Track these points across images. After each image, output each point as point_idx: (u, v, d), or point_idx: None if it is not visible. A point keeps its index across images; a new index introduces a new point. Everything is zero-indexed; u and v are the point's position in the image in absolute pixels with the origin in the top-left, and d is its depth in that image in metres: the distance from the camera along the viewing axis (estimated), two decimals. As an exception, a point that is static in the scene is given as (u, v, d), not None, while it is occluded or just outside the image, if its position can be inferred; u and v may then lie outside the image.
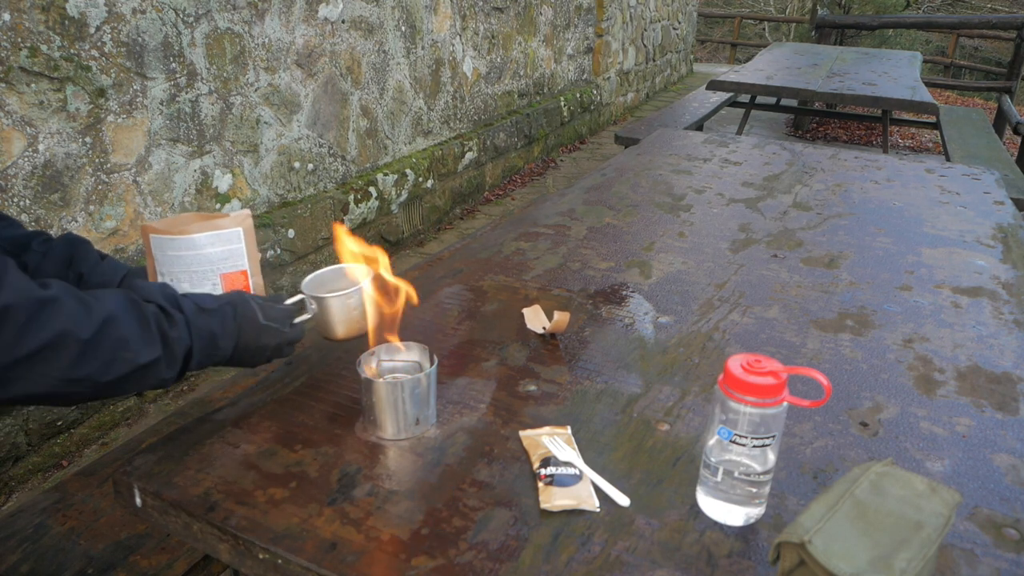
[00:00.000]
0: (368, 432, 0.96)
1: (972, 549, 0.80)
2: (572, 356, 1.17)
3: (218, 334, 0.89)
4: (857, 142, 7.03)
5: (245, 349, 0.92)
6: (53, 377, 0.74)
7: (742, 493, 0.81)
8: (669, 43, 8.65)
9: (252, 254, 1.05)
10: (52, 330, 0.73)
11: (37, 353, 0.72)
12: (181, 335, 0.85)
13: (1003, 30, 9.38)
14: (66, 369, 0.75)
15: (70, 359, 0.75)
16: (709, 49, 16.83)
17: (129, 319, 0.80)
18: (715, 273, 1.50)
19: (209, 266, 1.02)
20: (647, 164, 2.32)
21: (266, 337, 0.94)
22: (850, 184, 2.16)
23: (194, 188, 2.71)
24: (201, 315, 0.88)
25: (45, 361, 0.73)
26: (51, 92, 2.14)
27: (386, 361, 1.01)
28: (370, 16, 3.50)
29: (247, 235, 1.03)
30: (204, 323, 0.88)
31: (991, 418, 1.04)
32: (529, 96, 5.34)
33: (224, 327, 0.90)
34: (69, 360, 0.75)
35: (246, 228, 1.03)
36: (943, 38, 13.65)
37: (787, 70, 5.22)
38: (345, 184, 3.52)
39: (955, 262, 1.60)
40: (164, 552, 1.22)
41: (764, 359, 0.79)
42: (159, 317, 0.83)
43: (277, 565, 0.78)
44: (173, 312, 0.85)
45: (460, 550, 0.77)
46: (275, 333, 0.94)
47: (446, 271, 1.49)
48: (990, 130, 5.06)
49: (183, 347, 0.85)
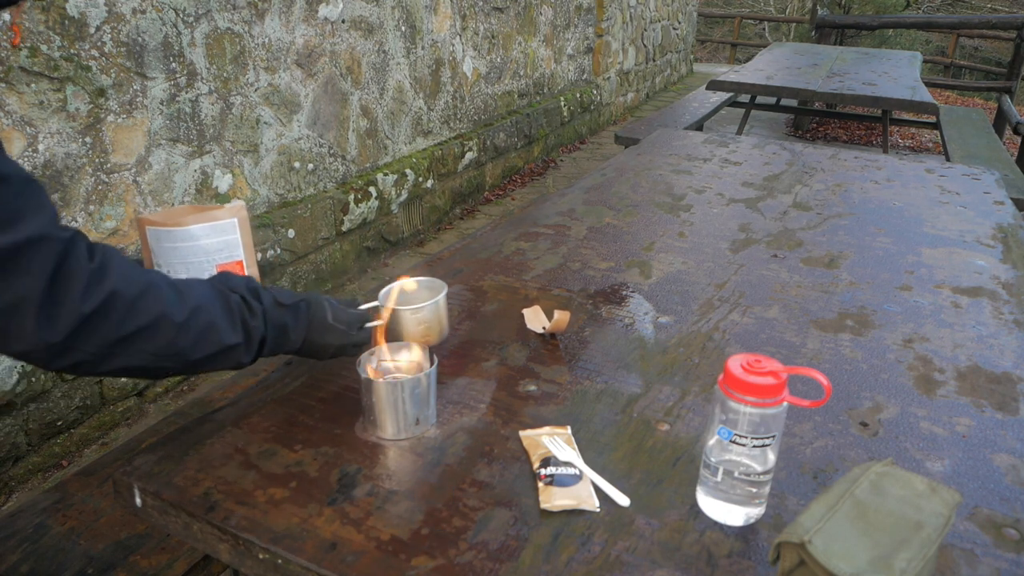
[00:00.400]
0: (368, 432, 0.97)
1: (972, 549, 0.80)
2: (572, 356, 1.17)
3: (290, 327, 0.96)
4: (857, 142, 7.03)
5: (311, 344, 0.99)
6: (149, 353, 0.83)
7: (742, 493, 0.81)
8: (669, 43, 8.65)
9: (248, 245, 1.06)
10: (151, 314, 0.82)
11: (137, 333, 0.81)
12: (259, 324, 0.93)
13: (1003, 30, 9.38)
14: (162, 347, 0.84)
15: (166, 339, 0.83)
16: (709, 49, 16.83)
17: (216, 307, 0.88)
18: (715, 273, 1.50)
19: (205, 257, 1.03)
20: (647, 164, 2.32)
21: (331, 336, 1.00)
22: (850, 184, 2.16)
23: (194, 188, 2.71)
24: (277, 308, 0.95)
25: (144, 340, 0.82)
26: (51, 92, 2.14)
27: (386, 361, 1.01)
28: (370, 16, 3.50)
29: (242, 226, 1.05)
30: (279, 316, 0.95)
31: (991, 418, 1.04)
32: (529, 96, 5.34)
33: (296, 321, 0.97)
34: (165, 340, 0.83)
35: (241, 219, 1.04)
36: (943, 38, 13.65)
37: (787, 70, 5.22)
38: (345, 184, 3.52)
39: (955, 262, 1.60)
40: (164, 552, 1.22)
41: (764, 359, 0.79)
42: (242, 307, 0.91)
43: (277, 565, 0.78)
44: (253, 303, 0.93)
45: (460, 550, 0.77)
46: (340, 334, 1.00)
47: (446, 271, 1.49)
48: (990, 130, 5.06)
49: (259, 335, 0.93)
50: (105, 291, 0.78)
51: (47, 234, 0.74)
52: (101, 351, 0.79)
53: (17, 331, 0.74)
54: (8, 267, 0.72)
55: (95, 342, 0.78)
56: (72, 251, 0.76)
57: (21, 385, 2.16)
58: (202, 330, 0.86)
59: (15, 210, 0.72)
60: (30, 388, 2.19)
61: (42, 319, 0.74)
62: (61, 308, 0.75)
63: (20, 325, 0.74)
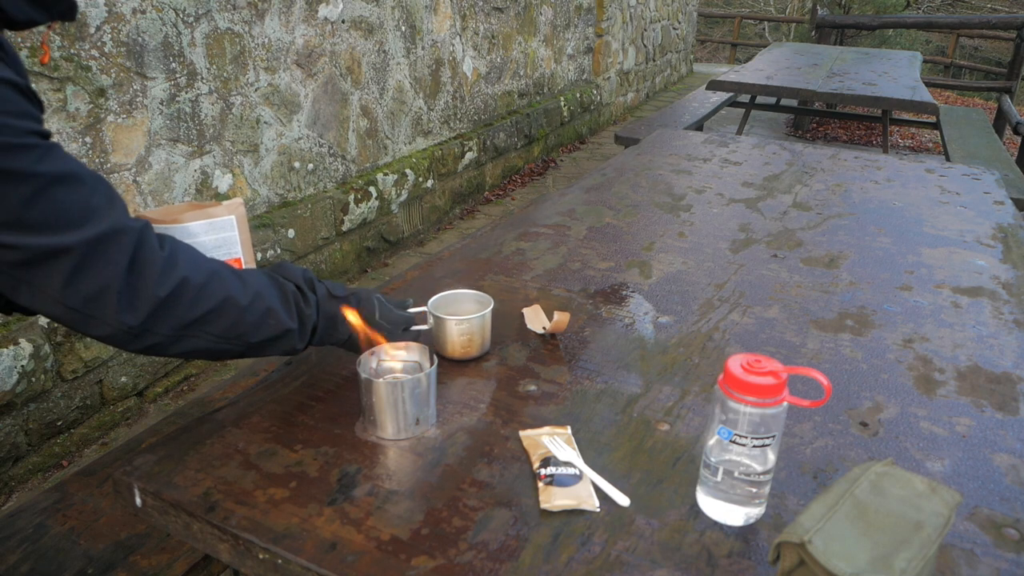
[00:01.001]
0: (368, 432, 0.96)
1: (972, 549, 0.80)
2: (572, 356, 1.17)
3: (339, 319, 1.00)
4: (857, 142, 7.03)
5: (355, 339, 1.02)
6: (215, 335, 0.88)
7: (742, 493, 0.81)
8: (669, 43, 8.65)
9: (246, 242, 1.07)
10: (218, 297, 0.87)
11: (207, 315, 0.86)
12: (312, 313, 0.97)
13: (1003, 30, 9.38)
14: (227, 328, 0.88)
15: (231, 321, 0.88)
16: (709, 49, 16.83)
17: (273, 293, 0.93)
18: (715, 273, 1.50)
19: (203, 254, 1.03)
20: (647, 164, 2.32)
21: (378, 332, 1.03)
22: (850, 184, 2.16)
23: (194, 188, 2.70)
24: (330, 300, 1.00)
25: (211, 322, 0.87)
26: (51, 92, 2.14)
27: (386, 361, 1.01)
28: (370, 16, 3.50)
29: (240, 223, 1.06)
30: (331, 307, 0.99)
31: (991, 418, 1.04)
32: (529, 96, 5.34)
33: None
34: (230, 321, 0.88)
35: (239, 216, 1.05)
36: (943, 38, 13.65)
37: (787, 70, 5.22)
38: (345, 184, 3.52)
39: (955, 262, 1.60)
40: (164, 552, 1.22)
41: (764, 359, 0.79)
42: (297, 296, 0.96)
43: (277, 565, 0.78)
44: (308, 292, 0.97)
45: (460, 550, 0.77)
46: (385, 332, 1.04)
47: (446, 271, 1.49)
48: (990, 130, 5.06)
49: (312, 323, 0.97)
50: (177, 277, 0.83)
51: (123, 225, 0.80)
52: (175, 332, 0.84)
53: (100, 316, 0.79)
54: (92, 258, 0.77)
55: (170, 324, 0.83)
56: (145, 240, 0.81)
57: (21, 385, 2.16)
58: (262, 314, 0.90)
59: (94, 207, 0.77)
60: (30, 388, 2.19)
61: (123, 304, 0.79)
62: (139, 294, 0.80)
63: (103, 311, 0.79)
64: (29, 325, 2.20)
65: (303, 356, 1.15)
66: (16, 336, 2.15)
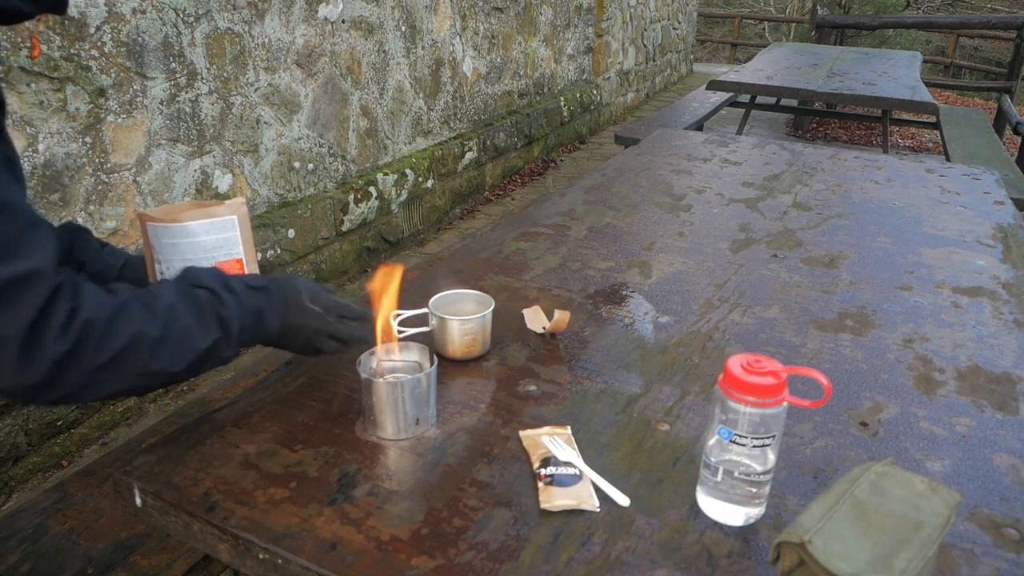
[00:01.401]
0: (368, 432, 0.96)
1: (972, 549, 0.80)
2: (572, 356, 1.17)
3: (265, 311, 0.93)
4: (857, 142, 7.03)
5: (287, 328, 0.95)
6: (132, 374, 0.81)
7: (742, 493, 0.81)
8: (669, 43, 8.65)
9: (247, 242, 1.06)
10: (127, 335, 0.79)
11: (118, 355, 0.79)
12: (234, 313, 0.89)
13: (1003, 30, 9.38)
14: (143, 365, 0.81)
15: (145, 356, 0.81)
16: (709, 49, 16.83)
17: (187, 310, 0.85)
18: (715, 273, 1.50)
19: (204, 254, 1.02)
20: (647, 164, 2.32)
21: (308, 318, 0.96)
22: (850, 184, 2.16)
23: (194, 188, 2.70)
24: (250, 293, 0.92)
25: (124, 361, 0.79)
26: (51, 92, 2.14)
27: (386, 361, 1.01)
28: (370, 16, 3.50)
29: (242, 223, 1.04)
30: (254, 301, 0.92)
31: (991, 418, 1.04)
32: (529, 96, 5.34)
33: (271, 304, 0.93)
34: (144, 357, 0.81)
35: (240, 216, 1.04)
36: (943, 38, 13.65)
37: (787, 70, 5.22)
38: (345, 184, 3.52)
39: (955, 262, 1.60)
40: (164, 552, 1.22)
41: (764, 359, 0.79)
42: (212, 301, 0.88)
43: (277, 565, 0.78)
44: (224, 294, 0.89)
45: (460, 550, 0.77)
46: (317, 317, 0.96)
47: (446, 271, 1.49)
48: (990, 130, 5.06)
49: (237, 325, 0.89)
50: (80, 323, 0.75)
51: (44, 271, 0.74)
52: (84, 381, 0.78)
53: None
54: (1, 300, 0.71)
55: (77, 373, 0.76)
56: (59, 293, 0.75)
57: (21, 385, 2.16)
58: (179, 340, 0.83)
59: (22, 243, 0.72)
60: (30, 388, 2.19)
61: (20, 361, 0.73)
62: (38, 350, 0.73)
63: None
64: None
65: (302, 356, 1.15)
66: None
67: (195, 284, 0.89)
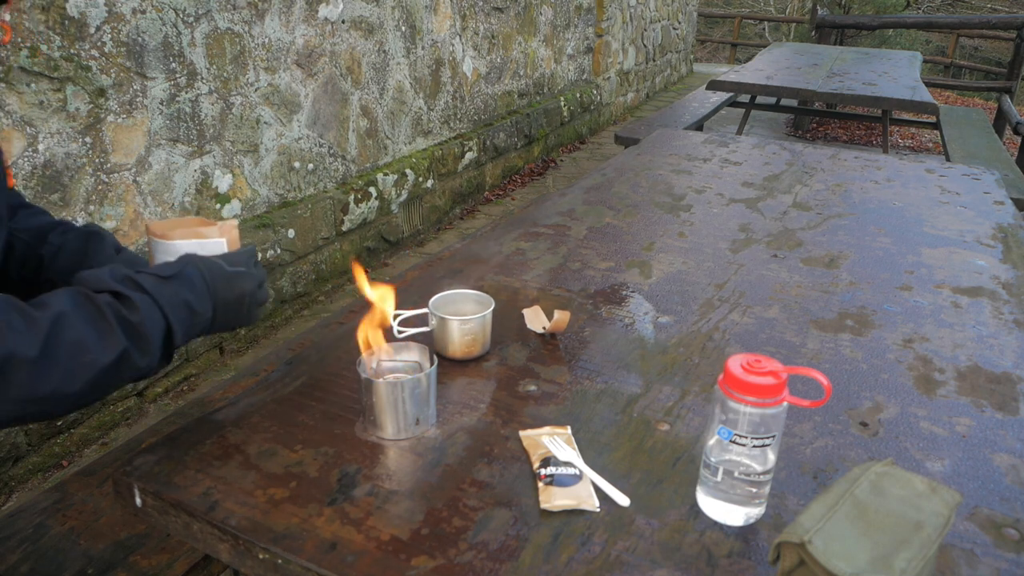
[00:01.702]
0: (368, 432, 0.96)
1: (972, 549, 0.80)
2: (572, 356, 1.17)
3: (191, 299, 0.82)
4: (857, 142, 7.03)
5: (226, 306, 0.86)
6: (13, 401, 0.69)
7: (742, 493, 0.81)
8: (669, 43, 8.65)
9: None
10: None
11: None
12: (149, 315, 0.78)
13: (1003, 30, 9.38)
14: (24, 391, 0.70)
15: (25, 380, 0.69)
16: (709, 49, 16.83)
17: (80, 320, 0.74)
18: (715, 273, 1.50)
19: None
20: (647, 164, 2.32)
21: (241, 283, 0.87)
22: (850, 184, 2.16)
23: (194, 188, 2.71)
24: (166, 285, 0.81)
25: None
26: (51, 92, 2.14)
27: (386, 361, 1.01)
28: (370, 16, 3.50)
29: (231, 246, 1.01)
30: (172, 293, 0.81)
31: (991, 418, 1.04)
32: (529, 96, 5.34)
33: (195, 289, 0.83)
34: (24, 382, 0.69)
35: (231, 239, 1.00)
36: (943, 38, 13.65)
37: (787, 70, 5.22)
38: (345, 184, 3.52)
39: (955, 262, 1.60)
40: (164, 552, 1.22)
41: (764, 359, 0.79)
42: (115, 306, 0.77)
43: (277, 565, 0.78)
44: (131, 294, 0.78)
45: (460, 550, 0.77)
46: (246, 276, 0.88)
47: (446, 271, 1.49)
48: (990, 130, 5.06)
49: (157, 327, 0.79)
50: None
51: None
52: None
53: None
54: None
55: None
56: None
57: (21, 385, 2.16)
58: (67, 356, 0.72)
59: None
60: (30, 388, 2.19)
61: None
62: None
63: None
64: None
65: (303, 355, 1.15)
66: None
67: (95, 289, 0.77)
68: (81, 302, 0.75)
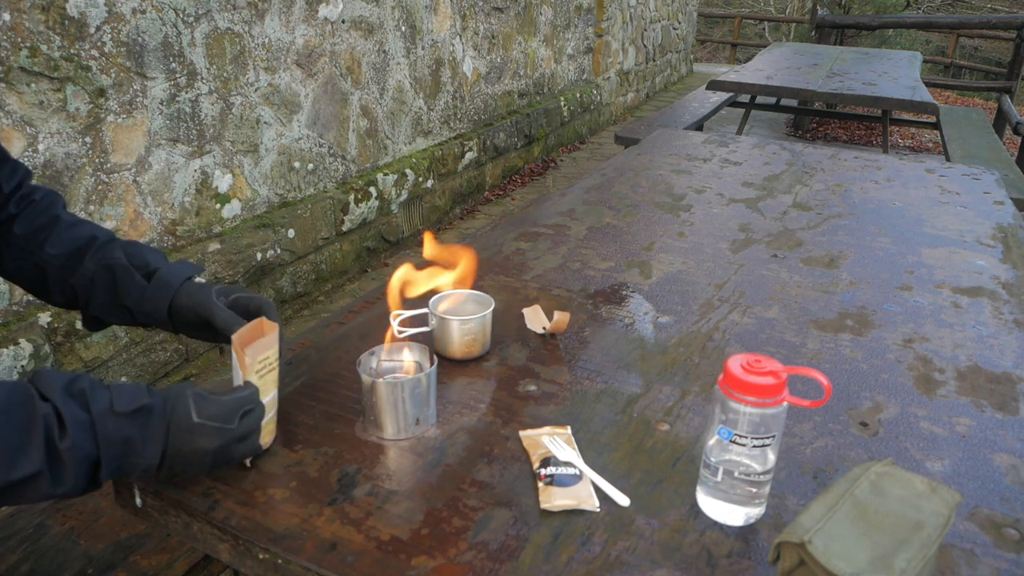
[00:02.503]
0: (368, 432, 0.96)
1: (972, 549, 0.80)
2: (572, 356, 1.17)
3: (136, 439, 0.74)
4: (857, 142, 7.03)
5: (178, 455, 0.77)
6: None
7: (742, 493, 0.81)
8: (669, 43, 8.65)
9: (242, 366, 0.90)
10: None
11: None
12: (79, 443, 0.70)
13: (1003, 30, 9.38)
14: None
15: None
16: (709, 49, 16.83)
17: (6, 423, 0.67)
18: (715, 273, 1.50)
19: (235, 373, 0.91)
20: (647, 164, 2.32)
21: (203, 439, 0.78)
22: (850, 184, 2.16)
23: (194, 188, 2.71)
24: (113, 419, 0.73)
25: None
26: (51, 92, 2.14)
27: (386, 361, 1.01)
28: (370, 16, 3.50)
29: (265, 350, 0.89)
30: (115, 428, 0.73)
31: (991, 418, 1.04)
32: (529, 96, 5.34)
33: (146, 431, 0.75)
34: None
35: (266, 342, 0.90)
36: (943, 38, 13.66)
37: (787, 70, 5.22)
38: (345, 184, 3.52)
39: (955, 262, 1.60)
40: (164, 552, 1.22)
41: (764, 359, 0.79)
42: (50, 421, 0.70)
43: (277, 565, 0.78)
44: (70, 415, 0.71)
45: (460, 550, 0.77)
46: (214, 432, 0.78)
47: (446, 271, 1.49)
48: (990, 130, 5.07)
49: (83, 457, 0.71)
50: None
51: None
52: None
53: None
54: None
55: None
56: None
57: (21, 385, 2.16)
58: None
59: None
60: (30, 388, 2.19)
61: None
62: None
63: None
64: (29, 325, 2.20)
65: (303, 355, 1.15)
66: (16, 336, 2.15)
67: (43, 395, 0.71)
68: (18, 406, 0.69)
